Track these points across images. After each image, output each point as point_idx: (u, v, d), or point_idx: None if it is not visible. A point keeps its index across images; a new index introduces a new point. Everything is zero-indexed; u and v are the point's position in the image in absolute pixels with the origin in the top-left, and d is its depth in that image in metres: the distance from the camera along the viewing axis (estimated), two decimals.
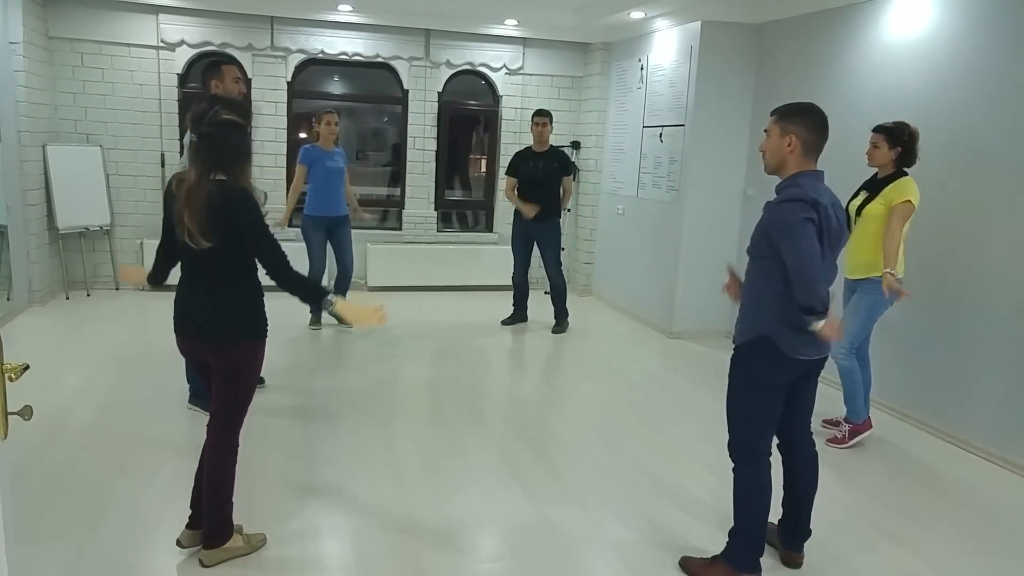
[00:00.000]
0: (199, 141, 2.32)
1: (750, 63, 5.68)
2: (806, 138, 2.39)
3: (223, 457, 2.49)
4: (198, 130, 2.34)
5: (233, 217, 2.29)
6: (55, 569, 2.46)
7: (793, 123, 2.40)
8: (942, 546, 2.92)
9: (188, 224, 2.26)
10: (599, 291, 7.35)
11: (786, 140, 2.40)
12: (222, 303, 2.40)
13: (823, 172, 2.45)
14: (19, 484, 2.95)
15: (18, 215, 5.63)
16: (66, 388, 4.12)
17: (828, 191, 2.44)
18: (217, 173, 2.30)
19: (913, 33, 4.27)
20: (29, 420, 1.46)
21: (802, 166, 2.41)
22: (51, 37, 6.14)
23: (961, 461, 3.78)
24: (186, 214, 2.26)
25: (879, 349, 4.48)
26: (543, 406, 4.37)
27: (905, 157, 3.61)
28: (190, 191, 2.28)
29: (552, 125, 5.70)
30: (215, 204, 2.26)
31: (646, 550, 2.79)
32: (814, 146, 2.41)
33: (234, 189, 2.31)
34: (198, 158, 2.31)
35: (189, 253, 2.35)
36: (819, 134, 2.41)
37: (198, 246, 2.28)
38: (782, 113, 2.44)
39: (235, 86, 3.78)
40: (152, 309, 6.10)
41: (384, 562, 2.62)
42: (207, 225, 2.26)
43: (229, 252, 2.33)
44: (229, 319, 2.40)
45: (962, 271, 3.96)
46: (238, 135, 2.36)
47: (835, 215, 2.41)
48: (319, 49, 6.69)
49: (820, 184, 2.41)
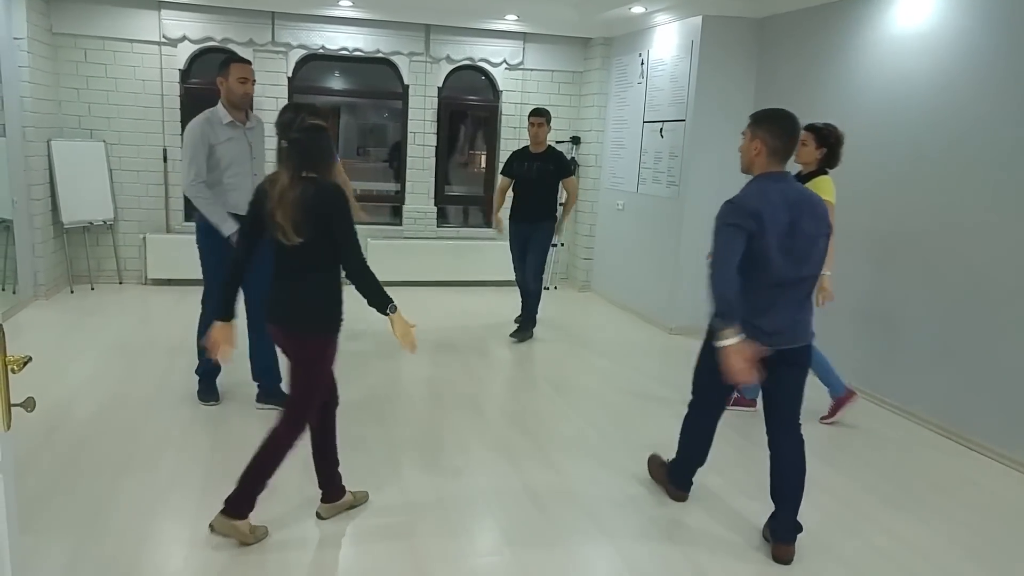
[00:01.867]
0: (289, 146, 2.49)
1: (751, 58, 5.69)
2: (772, 144, 2.55)
3: (281, 440, 2.59)
4: (287, 136, 2.49)
5: (325, 211, 2.46)
6: (59, 560, 2.50)
7: (761, 128, 2.57)
8: (941, 541, 2.95)
9: (281, 222, 2.43)
10: (598, 287, 7.37)
11: (754, 144, 2.58)
12: (300, 296, 2.55)
13: (787, 173, 2.61)
14: (23, 476, 2.99)
15: (23, 210, 5.67)
16: (70, 381, 4.17)
17: (793, 191, 2.56)
18: (308, 172, 2.48)
19: (917, 27, 4.27)
20: (32, 412, 1.50)
21: (766, 168, 2.57)
22: (55, 33, 6.18)
23: (960, 457, 3.80)
24: (279, 213, 2.43)
25: (879, 345, 4.51)
26: (542, 401, 4.40)
27: (829, 158, 3.77)
28: (283, 191, 2.44)
29: (550, 125, 5.42)
30: (309, 201, 2.44)
31: (646, 545, 2.82)
32: (780, 151, 2.56)
33: (326, 185, 2.50)
34: (289, 161, 2.48)
35: (279, 248, 2.51)
36: (785, 140, 2.56)
37: (290, 242, 2.44)
38: (754, 118, 2.63)
39: (239, 86, 3.66)
40: (156, 303, 6.15)
41: (383, 556, 2.66)
42: (301, 221, 2.43)
43: (316, 247, 2.49)
44: (304, 312, 2.55)
45: (966, 266, 3.96)
46: (323, 137, 2.53)
47: (792, 219, 2.49)
48: (320, 44, 6.71)
49: (779, 185, 2.55)
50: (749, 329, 2.50)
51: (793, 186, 2.60)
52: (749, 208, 2.48)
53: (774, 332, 2.57)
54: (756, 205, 2.48)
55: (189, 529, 2.73)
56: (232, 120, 3.70)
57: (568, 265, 7.79)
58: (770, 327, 2.57)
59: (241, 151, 3.73)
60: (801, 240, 2.52)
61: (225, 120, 3.68)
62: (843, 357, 4.76)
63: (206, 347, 2.66)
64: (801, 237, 2.52)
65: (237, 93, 3.68)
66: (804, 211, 2.53)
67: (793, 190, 2.58)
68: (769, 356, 2.58)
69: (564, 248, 7.67)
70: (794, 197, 2.55)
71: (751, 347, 2.45)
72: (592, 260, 7.46)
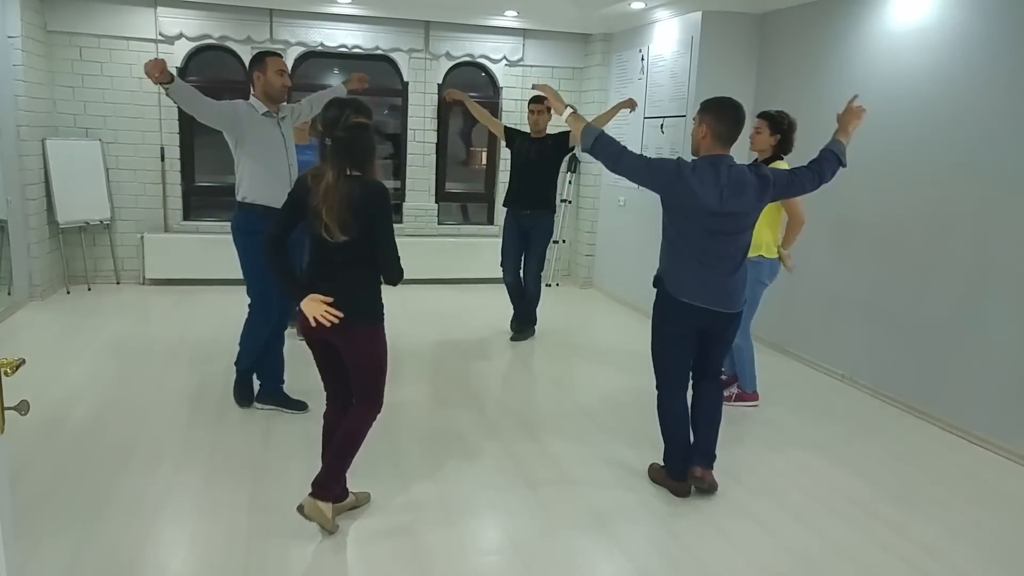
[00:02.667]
0: (334, 144, 2.47)
1: (752, 53, 5.65)
2: (716, 128, 2.83)
3: (365, 419, 2.72)
4: (332, 134, 2.48)
5: (370, 207, 2.49)
6: (56, 564, 2.46)
7: (707, 114, 2.86)
8: (944, 535, 2.92)
9: (326, 220, 2.44)
10: (600, 283, 7.33)
11: (700, 128, 2.87)
12: (348, 290, 2.56)
13: (726, 156, 2.86)
14: (20, 478, 2.96)
15: (18, 210, 5.62)
16: (67, 382, 4.12)
17: (727, 172, 2.82)
18: (353, 170, 2.49)
19: (916, 22, 4.24)
20: (26, 415, 1.46)
21: (711, 150, 2.86)
22: (49, 31, 6.12)
23: (962, 451, 3.78)
24: (324, 211, 2.44)
25: (877, 339, 4.48)
26: (544, 397, 4.37)
27: (783, 144, 3.88)
28: (328, 190, 2.44)
29: (550, 114, 5.18)
30: (355, 198, 2.46)
31: (648, 542, 2.79)
32: (724, 135, 2.84)
33: (371, 183, 2.53)
34: (334, 159, 2.47)
35: (322, 244, 2.52)
36: (728, 125, 2.83)
37: (334, 240, 2.47)
38: (702, 105, 2.92)
39: (279, 78, 3.66)
40: (154, 303, 6.11)
41: (385, 555, 2.62)
42: (348, 220, 2.46)
43: (360, 245, 2.52)
44: (353, 306, 2.56)
45: (964, 260, 3.94)
46: (368, 135, 2.53)
47: (721, 197, 2.79)
48: (318, 42, 6.67)
49: (715, 167, 2.82)
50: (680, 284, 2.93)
51: (737, 169, 2.87)
52: (679, 164, 2.85)
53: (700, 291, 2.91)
54: (681, 167, 2.84)
55: (188, 530, 2.70)
56: (268, 111, 3.69)
57: (570, 262, 7.75)
58: (698, 288, 2.91)
59: (277, 142, 3.72)
60: (729, 217, 2.83)
61: (261, 111, 3.67)
62: (843, 350, 4.75)
63: (299, 332, 2.71)
64: (729, 214, 2.83)
65: (276, 86, 3.66)
66: (729, 200, 2.81)
67: (737, 173, 2.85)
68: (697, 319, 2.95)
69: (566, 245, 7.64)
70: (735, 182, 2.83)
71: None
72: (594, 257, 7.42)
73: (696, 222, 2.83)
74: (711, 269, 2.88)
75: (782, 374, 4.90)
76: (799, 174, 2.99)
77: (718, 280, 2.90)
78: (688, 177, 2.78)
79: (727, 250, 2.88)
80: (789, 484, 3.30)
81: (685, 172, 2.79)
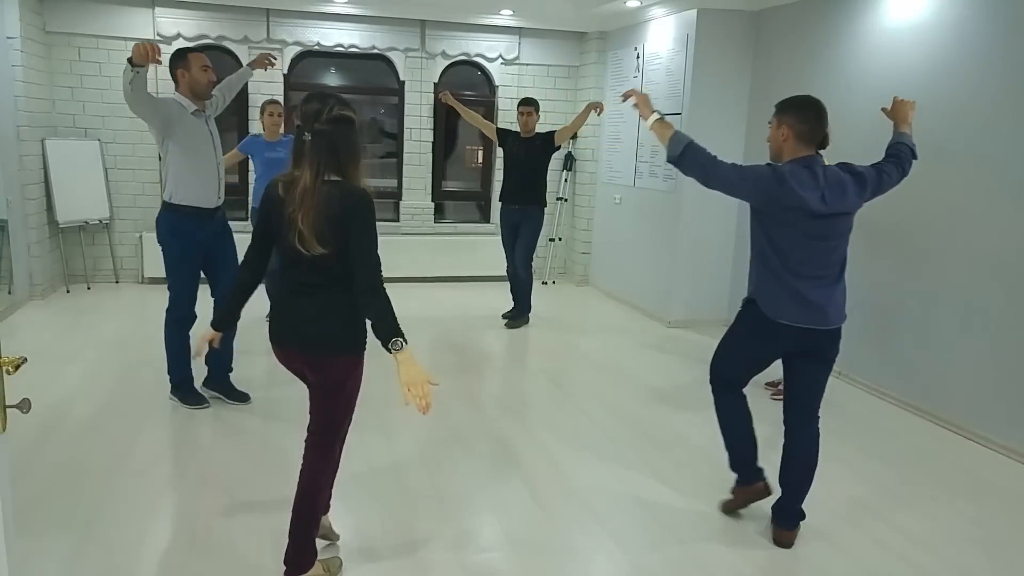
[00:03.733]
0: (315, 139, 2.13)
1: (747, 51, 5.67)
2: (798, 128, 2.62)
3: (320, 474, 2.37)
4: (312, 128, 2.14)
5: (350, 218, 2.12)
6: (56, 562, 2.49)
7: (787, 115, 2.65)
8: (942, 533, 2.95)
9: (303, 228, 2.10)
10: (596, 281, 7.36)
11: (781, 131, 2.66)
12: (322, 315, 2.23)
13: (817, 157, 2.65)
14: (20, 477, 2.98)
15: (18, 210, 5.65)
16: (67, 381, 4.16)
17: (823, 173, 2.61)
18: (331, 174, 2.14)
19: (912, 18, 4.26)
20: (27, 413, 1.49)
21: (796, 153, 2.64)
22: (48, 32, 6.15)
23: (962, 449, 3.81)
24: (300, 217, 2.10)
25: (874, 336, 4.50)
26: (541, 395, 4.40)
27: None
28: (305, 194, 2.10)
29: (538, 114, 5.58)
30: (334, 206, 2.11)
31: (645, 538, 2.82)
32: (807, 135, 2.63)
33: (354, 189, 2.16)
34: (313, 158, 2.13)
35: (295, 260, 2.18)
36: (811, 124, 2.62)
37: (310, 252, 2.12)
38: (778, 107, 2.72)
39: (203, 75, 3.60)
40: (152, 302, 6.12)
41: (383, 553, 2.65)
42: (325, 229, 2.10)
43: (339, 260, 2.15)
44: (329, 332, 2.24)
45: (966, 257, 3.96)
46: (353, 131, 2.20)
47: (824, 199, 2.58)
48: (315, 41, 6.69)
49: (810, 169, 2.60)
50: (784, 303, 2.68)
51: (833, 170, 2.66)
52: (781, 173, 2.60)
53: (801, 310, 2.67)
54: (784, 175, 2.59)
55: (187, 530, 2.73)
56: (196, 108, 3.65)
57: (566, 259, 7.78)
58: (799, 307, 2.67)
59: (204, 140, 3.67)
60: (833, 219, 2.63)
61: (190, 109, 3.63)
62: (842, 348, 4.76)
63: (195, 353, 2.50)
64: (833, 215, 2.62)
65: (202, 82, 3.61)
66: (833, 200, 2.61)
67: (836, 174, 2.65)
68: (791, 341, 2.71)
69: (562, 243, 7.67)
70: (835, 182, 2.63)
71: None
72: (590, 254, 7.45)
73: (799, 229, 2.61)
74: (811, 282, 2.66)
75: (777, 371, 4.92)
76: (885, 169, 2.81)
77: (819, 294, 2.67)
78: (789, 180, 2.55)
79: (829, 258, 2.69)
80: None
81: (785, 176, 2.57)
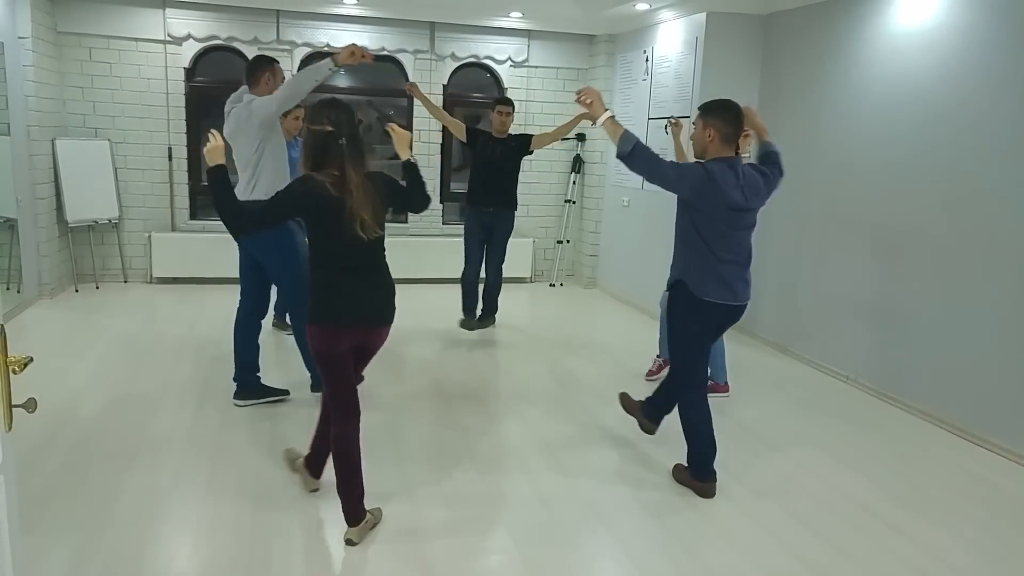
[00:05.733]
0: (349, 144, 2.52)
1: (756, 54, 5.66)
2: (724, 131, 2.94)
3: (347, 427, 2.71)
4: (346, 133, 2.53)
5: (391, 192, 2.70)
6: (63, 560, 2.50)
7: (713, 117, 2.96)
8: (949, 537, 2.93)
9: (365, 217, 2.50)
10: (604, 284, 7.35)
11: (707, 132, 2.96)
12: (389, 290, 2.71)
13: (737, 158, 2.99)
14: (28, 476, 3.00)
15: (28, 209, 5.68)
16: (75, 380, 4.17)
17: (742, 171, 2.96)
18: (366, 167, 2.61)
19: (921, 23, 4.24)
20: (33, 412, 1.49)
21: (719, 152, 2.97)
22: (59, 32, 6.19)
23: (969, 453, 3.78)
24: (366, 210, 2.51)
25: (881, 340, 4.48)
26: (548, 399, 4.39)
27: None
28: (361, 187, 2.51)
29: (514, 116, 5.39)
30: (380, 192, 2.61)
31: (651, 540, 2.81)
32: (731, 136, 2.96)
33: (381, 174, 2.70)
34: (354, 158, 2.54)
35: (353, 248, 2.56)
36: (735, 127, 2.96)
37: (373, 235, 2.55)
38: (703, 108, 3.03)
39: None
40: (161, 301, 6.16)
41: (387, 554, 2.65)
42: (380, 214, 2.59)
43: (382, 240, 2.65)
44: (392, 304, 2.71)
45: (971, 261, 3.94)
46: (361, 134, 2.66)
47: (744, 195, 2.94)
48: (325, 42, 6.71)
49: (733, 169, 2.94)
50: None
51: (748, 169, 3.02)
52: (709, 172, 2.93)
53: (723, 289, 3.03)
54: (712, 174, 2.93)
55: (194, 528, 2.73)
56: None
57: (574, 262, 7.77)
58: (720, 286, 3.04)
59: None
60: (750, 212, 3.02)
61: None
62: (846, 351, 4.75)
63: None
64: (750, 209, 3.01)
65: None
66: (750, 196, 2.98)
67: (750, 173, 3.02)
68: (716, 316, 3.09)
69: (570, 245, 7.66)
70: (752, 181, 3.00)
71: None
72: (598, 257, 7.44)
73: (722, 220, 2.97)
74: (730, 265, 3.02)
75: (784, 374, 4.91)
76: (772, 171, 3.14)
77: (736, 274, 3.04)
78: (717, 178, 2.90)
79: (741, 245, 3.05)
80: (791, 484, 3.32)
81: (715, 174, 2.90)
